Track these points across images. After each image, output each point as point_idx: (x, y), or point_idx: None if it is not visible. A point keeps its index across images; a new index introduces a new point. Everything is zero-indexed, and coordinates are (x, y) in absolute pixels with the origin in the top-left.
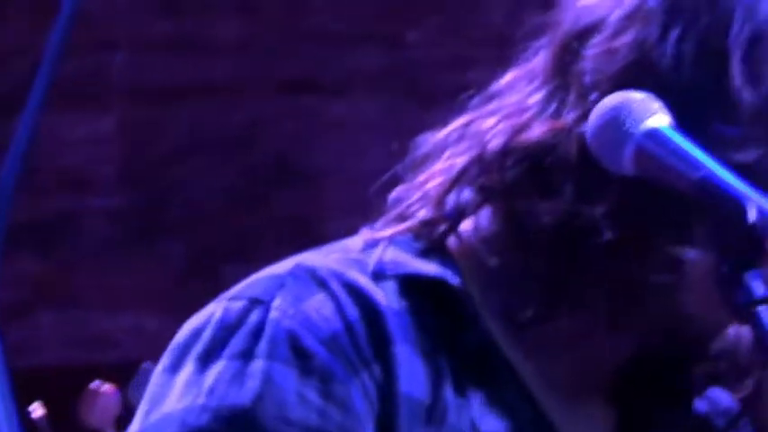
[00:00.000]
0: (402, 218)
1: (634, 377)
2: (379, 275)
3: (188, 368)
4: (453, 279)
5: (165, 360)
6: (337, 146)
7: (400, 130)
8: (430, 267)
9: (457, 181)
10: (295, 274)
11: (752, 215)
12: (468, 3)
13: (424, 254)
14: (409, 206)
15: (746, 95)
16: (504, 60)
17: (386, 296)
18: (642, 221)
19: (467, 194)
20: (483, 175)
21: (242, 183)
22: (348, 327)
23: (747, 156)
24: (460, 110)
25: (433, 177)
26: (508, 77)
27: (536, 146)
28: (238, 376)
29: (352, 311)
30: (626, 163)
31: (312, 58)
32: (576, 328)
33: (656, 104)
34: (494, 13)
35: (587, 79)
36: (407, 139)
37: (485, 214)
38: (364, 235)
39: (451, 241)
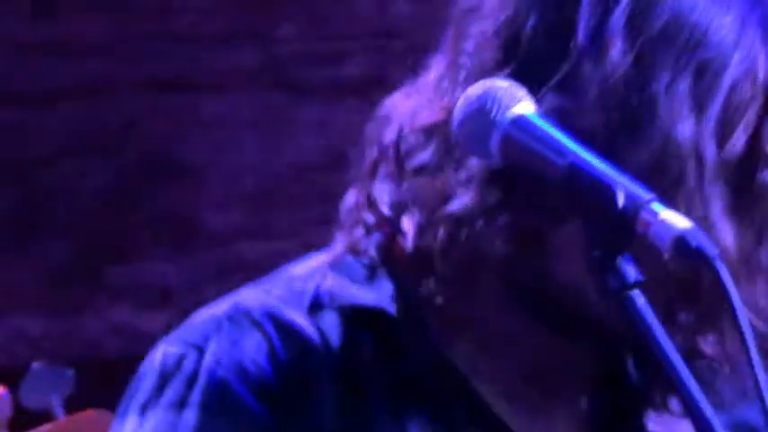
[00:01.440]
0: (346, 232)
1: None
2: (315, 308)
3: (131, 418)
4: (390, 306)
5: (120, 405)
6: (213, 142)
7: (274, 125)
8: (368, 295)
9: (371, 188)
10: (232, 316)
11: (621, 200)
12: None
13: (365, 275)
14: (350, 217)
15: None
16: (372, 52)
17: (320, 331)
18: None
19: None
20: (388, 171)
21: (119, 182)
22: (278, 371)
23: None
24: (333, 102)
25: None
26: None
27: (426, 128)
28: (172, 427)
29: (284, 354)
30: (493, 152)
31: (185, 57)
32: (502, 324)
33: (521, 92)
34: (362, 6)
35: (470, 60)
36: (282, 132)
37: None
38: (314, 257)
39: (390, 251)
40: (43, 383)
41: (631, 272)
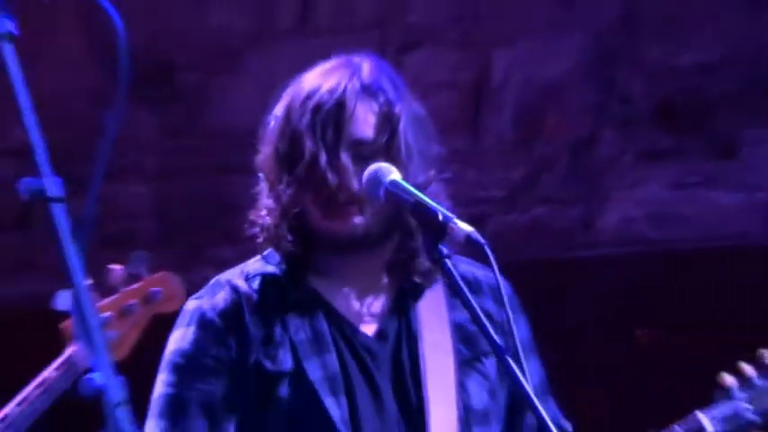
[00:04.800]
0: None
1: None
2: (247, 277)
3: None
4: (279, 270)
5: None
6: None
7: None
8: (269, 268)
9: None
10: (216, 282)
11: (441, 217)
12: None
13: (275, 258)
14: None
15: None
16: None
17: (248, 287)
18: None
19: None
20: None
21: None
22: (230, 307)
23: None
24: None
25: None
26: None
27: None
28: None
29: (231, 298)
30: (381, 195)
31: None
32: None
33: (393, 168)
34: None
35: None
36: None
37: None
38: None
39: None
40: None
41: (444, 251)
